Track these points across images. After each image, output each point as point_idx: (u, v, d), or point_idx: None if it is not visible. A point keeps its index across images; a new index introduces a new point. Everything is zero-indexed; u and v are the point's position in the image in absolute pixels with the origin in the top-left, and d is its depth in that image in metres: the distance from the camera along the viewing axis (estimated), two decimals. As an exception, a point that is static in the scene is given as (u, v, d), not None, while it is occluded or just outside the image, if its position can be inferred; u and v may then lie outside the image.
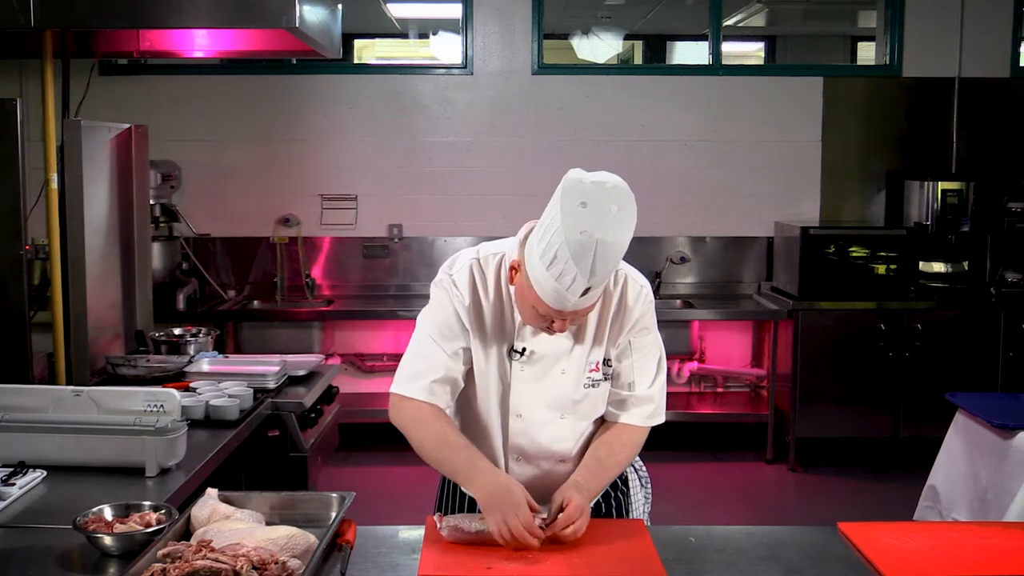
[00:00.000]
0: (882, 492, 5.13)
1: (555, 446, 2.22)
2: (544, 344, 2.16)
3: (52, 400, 2.59)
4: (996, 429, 3.47)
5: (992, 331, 5.40)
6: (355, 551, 2.00)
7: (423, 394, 2.16)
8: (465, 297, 2.16)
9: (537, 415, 2.19)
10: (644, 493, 2.44)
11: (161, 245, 5.41)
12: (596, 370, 2.20)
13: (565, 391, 2.19)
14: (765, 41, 9.04)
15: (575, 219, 1.91)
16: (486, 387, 2.20)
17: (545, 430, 2.20)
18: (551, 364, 2.18)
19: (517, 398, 2.19)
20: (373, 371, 5.98)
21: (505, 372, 2.19)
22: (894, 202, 5.96)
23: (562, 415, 2.20)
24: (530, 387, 2.18)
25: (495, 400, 2.20)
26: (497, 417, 2.21)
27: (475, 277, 2.17)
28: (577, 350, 2.19)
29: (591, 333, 2.19)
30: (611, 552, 1.99)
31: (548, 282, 1.95)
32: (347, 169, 5.96)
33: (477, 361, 2.19)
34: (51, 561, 1.94)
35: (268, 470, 3.27)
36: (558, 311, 2.00)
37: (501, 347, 2.18)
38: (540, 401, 2.19)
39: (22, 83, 5.54)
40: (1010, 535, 2.18)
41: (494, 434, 2.23)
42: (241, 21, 3.53)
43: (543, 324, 2.07)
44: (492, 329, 2.17)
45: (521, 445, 2.22)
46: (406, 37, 7.81)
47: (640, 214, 2.00)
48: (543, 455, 2.22)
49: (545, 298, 1.98)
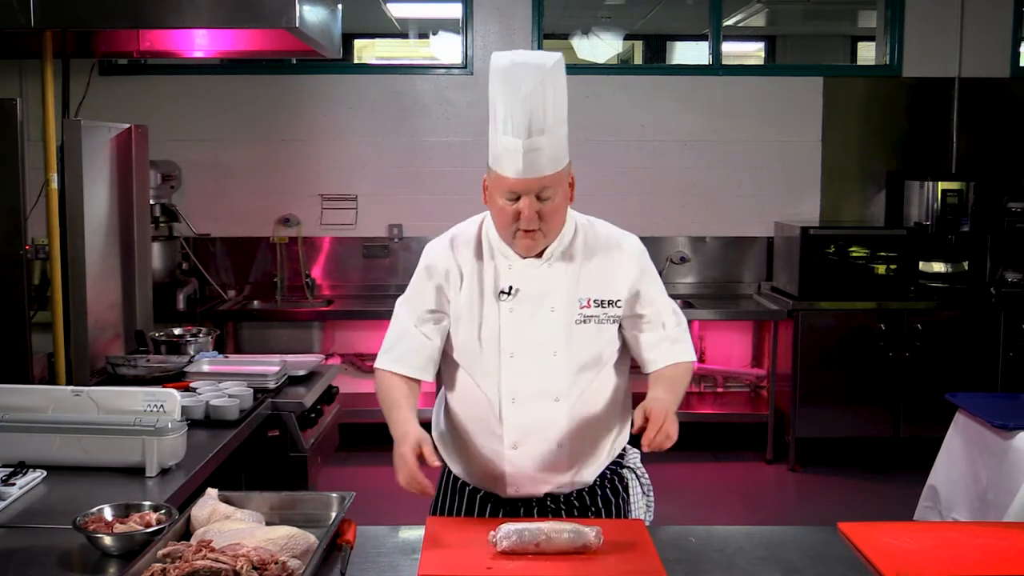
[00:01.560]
0: (882, 492, 5.13)
1: (548, 384, 2.23)
2: (529, 281, 2.22)
3: (52, 400, 2.58)
4: (996, 429, 3.47)
5: (992, 331, 5.39)
6: (355, 551, 2.00)
7: (390, 364, 2.31)
8: (440, 263, 2.28)
9: (529, 353, 2.22)
10: (646, 501, 2.44)
11: (161, 245, 5.41)
12: (588, 306, 2.24)
13: (557, 328, 2.22)
14: (765, 41, 9.04)
15: (497, 59, 2.11)
16: (478, 335, 2.24)
17: (537, 368, 2.22)
18: (539, 302, 2.22)
19: (508, 338, 2.22)
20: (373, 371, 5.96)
21: (495, 316, 2.23)
22: (894, 202, 5.96)
23: (555, 352, 2.22)
24: (521, 326, 2.22)
25: (489, 345, 2.24)
26: (492, 360, 2.24)
27: (454, 238, 2.30)
28: (565, 287, 2.23)
29: (578, 270, 2.25)
30: (611, 552, 1.98)
31: (497, 143, 2.11)
32: (347, 169, 5.96)
33: (466, 312, 2.25)
34: (51, 561, 1.94)
35: (268, 470, 3.27)
36: (518, 180, 2.09)
37: (489, 293, 2.24)
38: (531, 339, 2.22)
39: (22, 83, 5.54)
40: (1010, 535, 2.18)
41: (490, 378, 2.25)
42: (241, 21, 3.53)
43: (514, 220, 2.14)
44: (476, 279, 2.25)
45: (514, 386, 2.23)
46: (406, 37, 7.80)
47: (640, 214, 2.03)
48: (536, 395, 2.23)
49: (501, 167, 2.11)
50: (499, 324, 2.23)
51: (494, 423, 2.25)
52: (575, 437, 2.25)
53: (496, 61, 2.12)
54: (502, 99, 2.10)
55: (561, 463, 2.25)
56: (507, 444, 2.24)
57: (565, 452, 2.25)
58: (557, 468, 2.26)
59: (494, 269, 2.25)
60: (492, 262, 2.26)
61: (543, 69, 2.08)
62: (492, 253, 2.26)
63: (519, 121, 2.07)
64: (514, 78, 2.08)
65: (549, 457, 2.24)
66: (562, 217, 2.22)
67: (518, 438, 2.24)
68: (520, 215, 2.13)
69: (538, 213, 2.13)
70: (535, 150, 2.08)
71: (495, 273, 2.25)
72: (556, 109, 2.11)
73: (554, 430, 2.23)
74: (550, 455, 2.24)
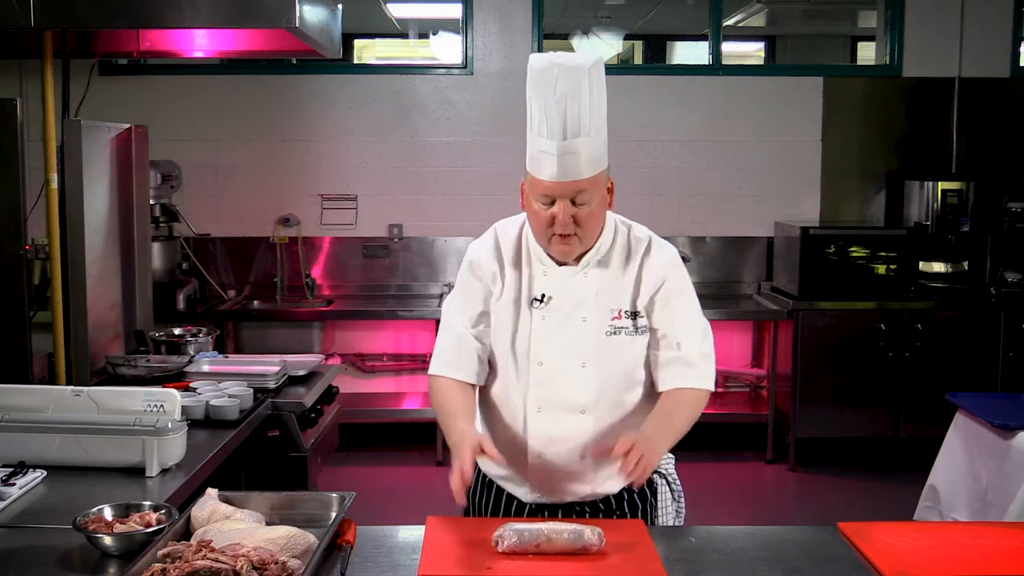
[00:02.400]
0: (882, 492, 5.13)
1: (575, 395, 2.20)
2: (563, 289, 2.19)
3: (52, 400, 2.58)
4: (996, 429, 3.47)
5: (992, 331, 5.39)
6: (355, 551, 2.00)
7: (447, 370, 2.25)
8: (485, 263, 2.24)
9: (558, 363, 2.20)
10: (676, 507, 2.41)
11: (161, 245, 5.41)
12: (619, 317, 2.20)
13: (587, 338, 2.19)
14: (765, 41, 9.04)
15: (534, 60, 2.09)
16: (511, 342, 2.22)
17: (565, 378, 2.20)
18: (571, 311, 2.19)
19: (538, 345, 2.20)
20: (373, 371, 5.97)
21: (527, 323, 2.21)
22: (894, 202, 5.96)
23: (583, 363, 2.20)
24: (551, 335, 2.20)
25: (520, 352, 2.22)
26: (523, 369, 2.22)
27: (498, 238, 2.27)
28: (598, 297, 2.20)
29: (612, 280, 2.21)
30: (611, 552, 1.98)
31: (533, 145, 2.09)
32: (347, 169, 5.96)
33: (503, 318, 2.23)
34: (51, 561, 1.94)
35: (268, 470, 3.27)
36: (553, 184, 2.07)
37: (524, 301, 2.22)
38: (561, 348, 2.20)
39: (22, 83, 5.54)
40: (1010, 535, 2.18)
41: (518, 386, 2.23)
42: (241, 21, 3.53)
43: (549, 224, 2.11)
44: (514, 285, 2.23)
45: (542, 395, 2.21)
46: (406, 37, 7.80)
47: (640, 214, 2.02)
48: (562, 405, 2.20)
49: (537, 170, 2.09)
50: (530, 332, 2.20)
51: (519, 430, 2.23)
52: (600, 450, 2.19)
53: (533, 63, 2.08)
54: (537, 100, 2.07)
55: (584, 474, 2.23)
56: (531, 454, 2.23)
57: (589, 464, 2.22)
58: (580, 479, 2.24)
59: (530, 275, 2.23)
60: (528, 268, 2.23)
61: (580, 70, 2.04)
62: (529, 259, 2.24)
63: (554, 123, 2.04)
64: (549, 79, 2.04)
65: (572, 468, 2.22)
66: (599, 222, 2.18)
67: (542, 448, 2.22)
68: (555, 219, 2.10)
69: (573, 218, 2.10)
70: (571, 153, 2.05)
71: (530, 279, 2.22)
72: (594, 112, 2.07)
73: (578, 441, 2.20)
74: (574, 466, 2.21)
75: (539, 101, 2.06)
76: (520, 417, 2.22)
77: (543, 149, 2.06)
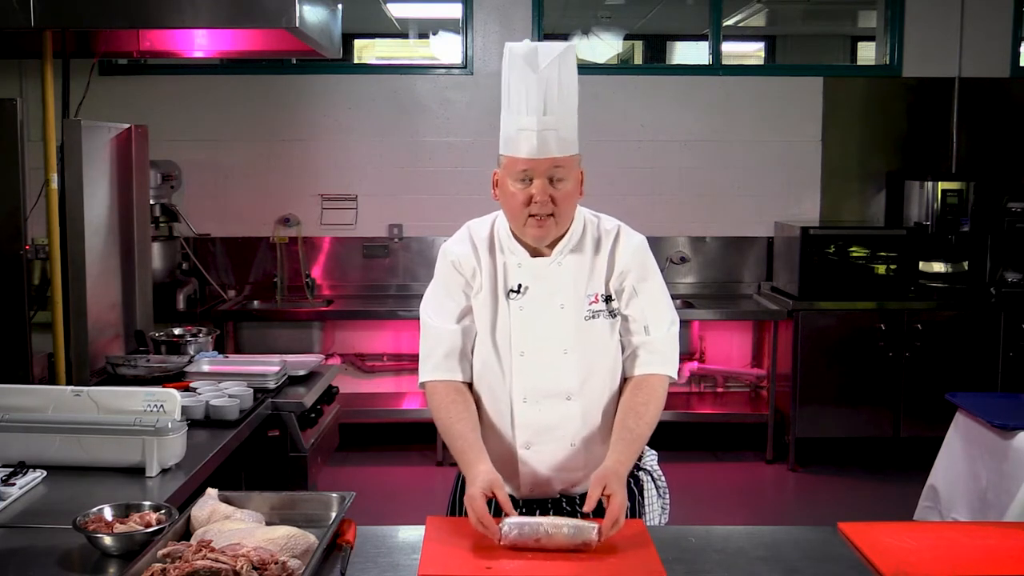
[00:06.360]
0: (882, 492, 5.13)
1: (560, 382, 2.22)
2: (538, 279, 2.22)
3: (52, 400, 2.58)
4: (996, 429, 3.47)
5: (992, 331, 5.39)
6: (355, 551, 2.00)
7: (438, 373, 2.26)
8: (464, 258, 2.26)
9: (540, 352, 2.22)
10: (661, 503, 2.42)
11: (161, 245, 5.41)
12: (596, 301, 2.24)
13: (566, 325, 2.22)
14: (765, 41, 9.03)
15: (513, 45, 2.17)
16: (492, 335, 2.24)
17: (549, 366, 2.22)
18: (548, 299, 2.22)
19: (518, 336, 2.22)
20: (373, 371, 5.97)
21: (506, 314, 2.23)
22: (894, 202, 5.96)
23: (565, 350, 2.22)
24: (531, 324, 2.22)
25: (501, 344, 2.24)
26: (505, 360, 2.24)
27: (472, 234, 2.29)
28: (574, 283, 2.23)
29: (586, 265, 2.25)
30: (611, 552, 1.98)
31: (511, 124, 2.14)
32: (347, 169, 5.96)
33: (482, 311, 2.25)
34: (51, 561, 1.94)
35: (268, 470, 3.27)
36: (531, 160, 2.11)
37: (500, 293, 2.25)
38: (542, 337, 2.22)
39: (22, 83, 5.54)
40: (1010, 535, 2.18)
41: (503, 378, 2.24)
42: (241, 21, 3.54)
43: (526, 204, 2.14)
44: (490, 278, 2.25)
45: (526, 385, 2.23)
46: (406, 37, 7.81)
47: (640, 214, 2.03)
48: (548, 393, 2.23)
49: (516, 149, 2.13)
50: (509, 323, 2.23)
51: (506, 423, 2.25)
52: (589, 436, 2.24)
53: (511, 48, 2.16)
54: (518, 78, 2.14)
55: (575, 463, 2.25)
56: (520, 444, 2.24)
57: (579, 451, 2.24)
58: (571, 467, 2.25)
59: (504, 267, 2.26)
60: (503, 260, 2.26)
61: (555, 51, 2.14)
62: (503, 251, 2.27)
63: (534, 99, 2.11)
64: (530, 58, 2.12)
65: (562, 457, 2.24)
66: (573, 205, 2.22)
67: (530, 438, 2.24)
68: (532, 199, 2.14)
69: (551, 198, 2.14)
70: (549, 129, 2.12)
71: (505, 271, 2.25)
72: (568, 92, 2.15)
73: (567, 429, 2.23)
74: (563, 454, 2.23)
75: (520, 79, 2.13)
76: (507, 410, 2.24)
77: (522, 127, 2.12)
